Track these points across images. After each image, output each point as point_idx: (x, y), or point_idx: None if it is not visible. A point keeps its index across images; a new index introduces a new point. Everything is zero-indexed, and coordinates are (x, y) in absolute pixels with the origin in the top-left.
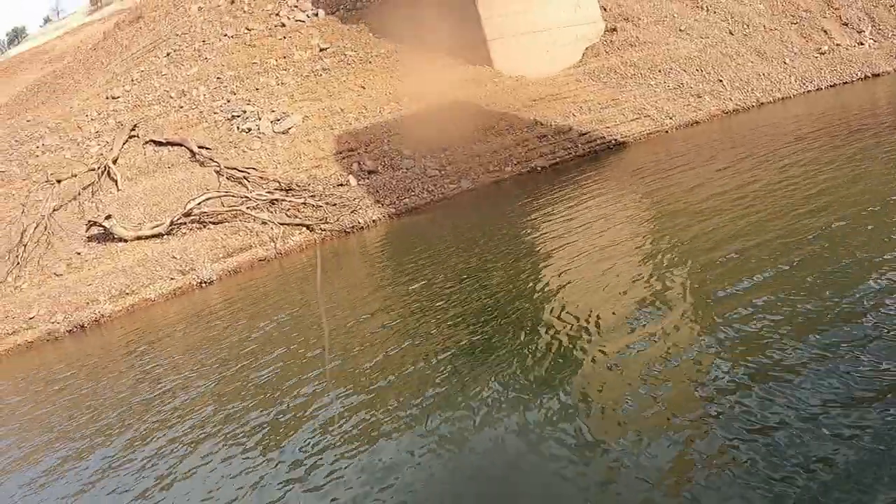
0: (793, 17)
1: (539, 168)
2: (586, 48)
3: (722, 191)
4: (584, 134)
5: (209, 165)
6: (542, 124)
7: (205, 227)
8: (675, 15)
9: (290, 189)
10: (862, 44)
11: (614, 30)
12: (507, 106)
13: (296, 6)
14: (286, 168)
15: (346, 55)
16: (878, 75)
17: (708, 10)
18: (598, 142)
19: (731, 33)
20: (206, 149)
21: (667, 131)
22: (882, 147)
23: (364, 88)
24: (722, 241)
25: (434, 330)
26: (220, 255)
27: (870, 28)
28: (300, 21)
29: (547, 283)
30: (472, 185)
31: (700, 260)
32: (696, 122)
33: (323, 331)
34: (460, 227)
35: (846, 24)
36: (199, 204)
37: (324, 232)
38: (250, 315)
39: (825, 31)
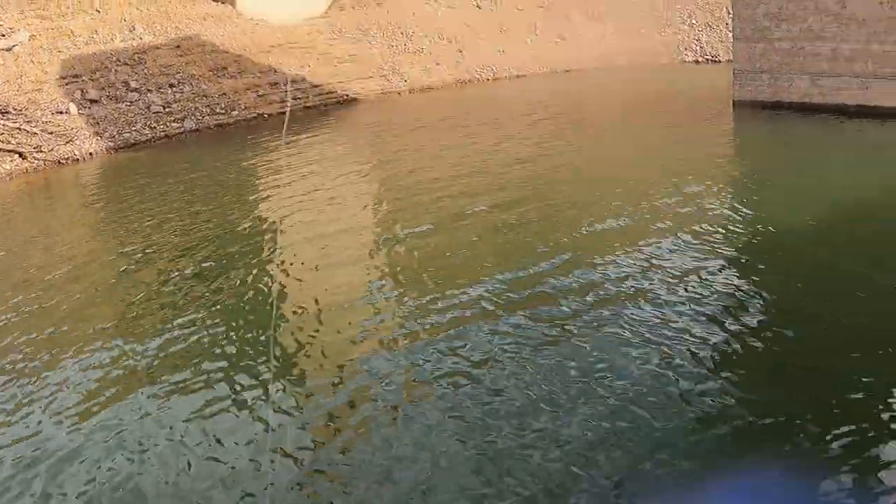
0: (542, 1)
1: (267, 116)
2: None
3: None
4: (317, 86)
5: None
6: (276, 72)
7: None
8: None
9: (7, 112)
10: (602, 36)
11: None
12: (243, 49)
13: None
14: (4, 89)
15: None
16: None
17: None
18: (331, 95)
19: (478, 7)
20: None
21: (399, 93)
22: None
23: (99, 12)
24: None
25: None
26: None
27: (614, 24)
28: None
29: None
30: (196, 126)
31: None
32: (431, 88)
33: None
34: (179, 174)
35: (592, 18)
36: None
37: (37, 161)
38: None
39: (569, 20)
